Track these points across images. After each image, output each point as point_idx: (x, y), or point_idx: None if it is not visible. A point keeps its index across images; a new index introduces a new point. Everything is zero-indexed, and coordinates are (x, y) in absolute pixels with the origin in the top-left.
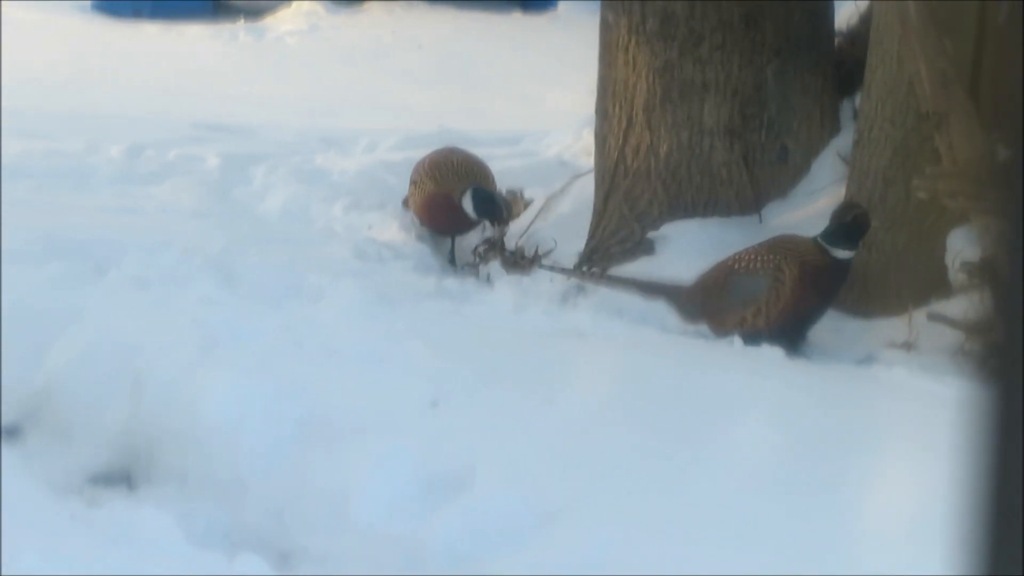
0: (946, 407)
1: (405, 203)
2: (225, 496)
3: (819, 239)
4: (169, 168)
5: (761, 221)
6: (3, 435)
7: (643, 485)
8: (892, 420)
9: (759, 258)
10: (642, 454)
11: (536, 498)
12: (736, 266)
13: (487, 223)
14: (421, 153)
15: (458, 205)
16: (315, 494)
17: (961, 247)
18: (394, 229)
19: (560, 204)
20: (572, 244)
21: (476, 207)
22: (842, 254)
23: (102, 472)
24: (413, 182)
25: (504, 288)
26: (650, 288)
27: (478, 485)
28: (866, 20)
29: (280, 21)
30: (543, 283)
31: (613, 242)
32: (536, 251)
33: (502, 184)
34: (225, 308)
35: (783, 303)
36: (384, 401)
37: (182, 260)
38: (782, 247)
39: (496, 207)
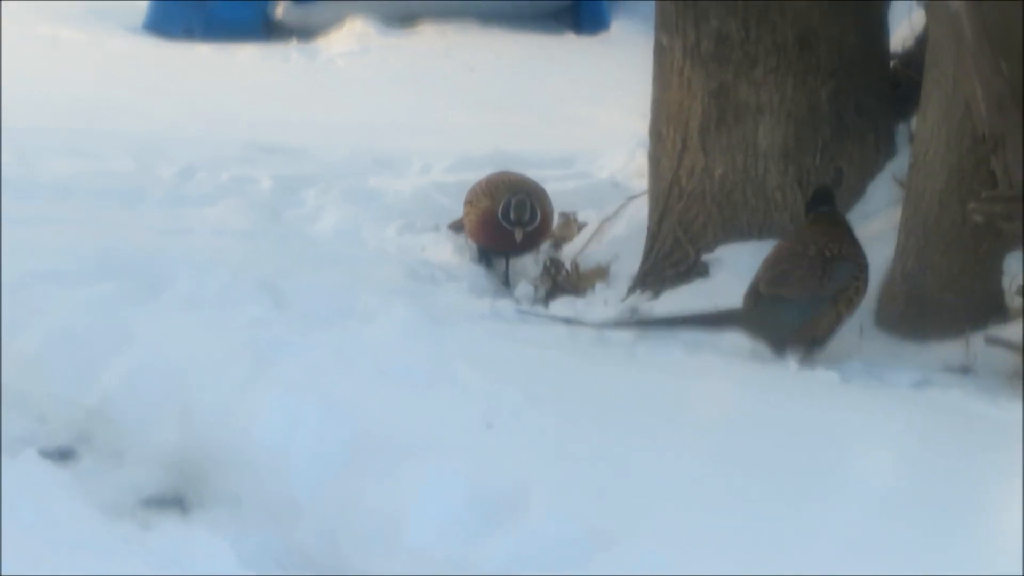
0: (1006, 430)
1: (452, 226)
2: (277, 518)
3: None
4: (221, 189)
5: None
6: (55, 457)
7: (698, 507)
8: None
9: (842, 243)
10: (695, 476)
11: (590, 520)
12: (827, 252)
13: (516, 230)
14: (475, 175)
15: (501, 224)
16: (367, 516)
17: (1017, 270)
18: (448, 251)
19: (614, 226)
20: (626, 266)
21: (503, 215)
22: None
23: (155, 494)
24: (468, 202)
25: (558, 310)
26: (703, 320)
27: (532, 507)
28: (921, 41)
29: (332, 42)
30: (597, 305)
31: (667, 264)
32: (598, 268)
33: (556, 206)
34: (277, 329)
35: (862, 295)
36: (436, 422)
37: (233, 281)
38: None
39: (521, 211)
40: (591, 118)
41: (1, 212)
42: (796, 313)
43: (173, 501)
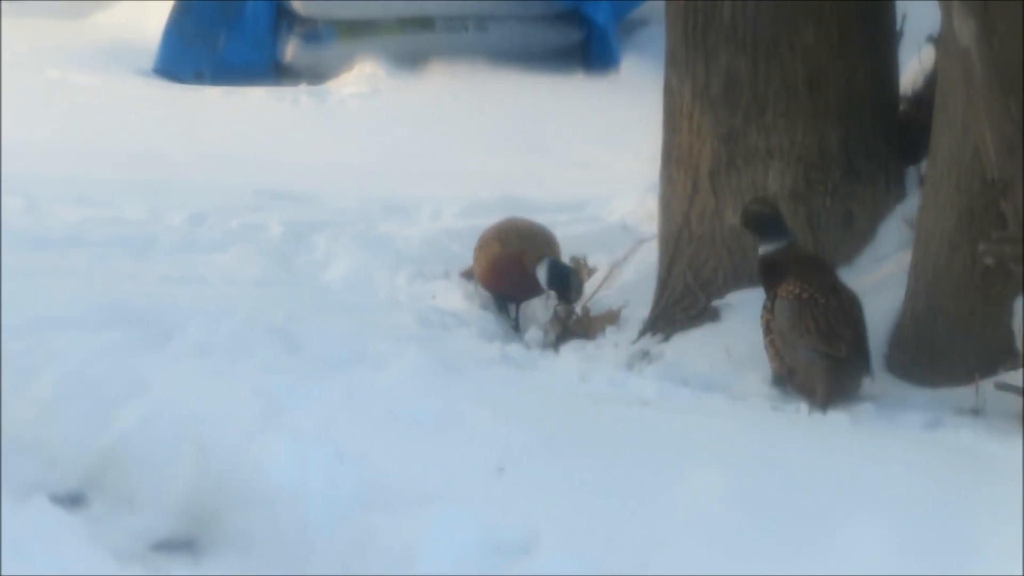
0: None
1: (464, 275)
2: (289, 563)
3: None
4: (231, 236)
5: None
6: (66, 502)
7: (708, 550)
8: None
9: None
10: (706, 519)
11: (601, 563)
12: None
13: (554, 295)
14: (485, 221)
15: (528, 270)
16: (379, 558)
17: None
18: (458, 297)
19: (624, 271)
20: (636, 310)
21: (550, 279)
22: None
23: (165, 538)
24: (478, 248)
25: (568, 355)
26: None
27: (542, 550)
28: (931, 83)
29: (342, 84)
30: (607, 349)
31: (677, 309)
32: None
33: (566, 251)
34: (288, 375)
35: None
36: (448, 467)
37: (244, 328)
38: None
39: (568, 286)
40: (601, 161)
41: (4, 261)
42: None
43: (184, 545)
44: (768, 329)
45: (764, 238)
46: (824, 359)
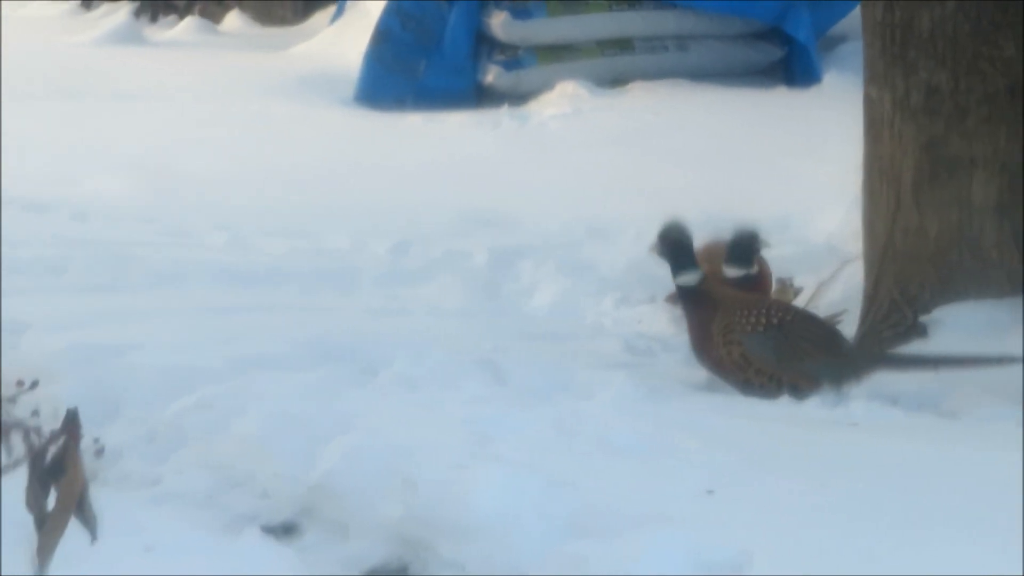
0: None
1: (669, 299)
2: None
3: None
4: (436, 265)
5: None
6: (279, 532)
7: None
8: None
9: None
10: (922, 542)
11: None
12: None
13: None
14: None
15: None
16: None
17: None
18: (663, 322)
19: (831, 290)
20: (843, 329)
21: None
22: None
23: (379, 565)
24: None
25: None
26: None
27: (756, 571)
28: None
29: (543, 105)
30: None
31: (885, 327)
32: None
33: (773, 272)
34: (495, 405)
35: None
36: (658, 492)
37: (451, 359)
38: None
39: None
40: (805, 174)
41: (209, 299)
42: None
43: (397, 571)
44: (746, 364)
45: (680, 267)
46: (829, 366)
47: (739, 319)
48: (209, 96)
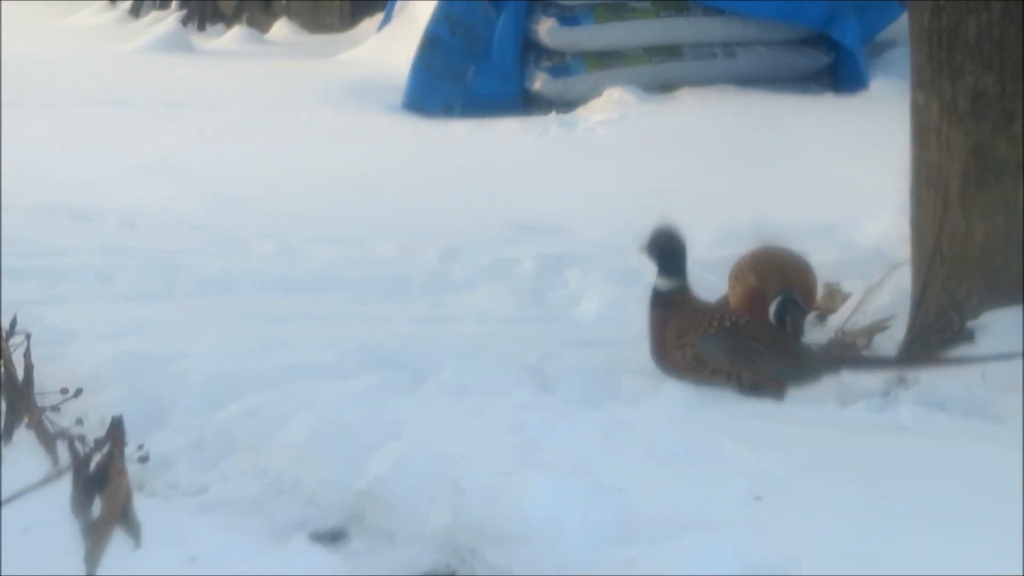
0: None
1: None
2: None
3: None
4: (483, 272)
5: None
6: (327, 539)
7: None
8: None
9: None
10: (970, 548)
11: None
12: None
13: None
14: (737, 251)
15: (767, 305)
16: None
17: None
18: None
19: (879, 295)
20: (891, 336)
21: (776, 315)
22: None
23: (427, 571)
24: (733, 276)
25: (824, 384)
26: None
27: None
28: None
29: (591, 111)
30: (863, 376)
31: (932, 332)
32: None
33: (820, 277)
34: (543, 412)
35: None
36: (705, 498)
37: (498, 367)
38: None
39: (791, 321)
40: (852, 180)
41: (259, 307)
42: None
43: None
44: (700, 365)
45: (664, 272)
46: (784, 367)
47: (692, 323)
48: (257, 104)
